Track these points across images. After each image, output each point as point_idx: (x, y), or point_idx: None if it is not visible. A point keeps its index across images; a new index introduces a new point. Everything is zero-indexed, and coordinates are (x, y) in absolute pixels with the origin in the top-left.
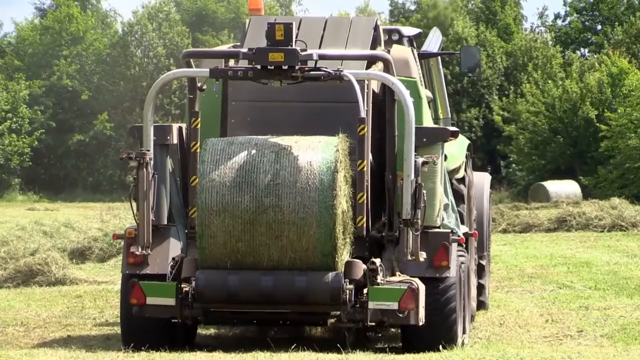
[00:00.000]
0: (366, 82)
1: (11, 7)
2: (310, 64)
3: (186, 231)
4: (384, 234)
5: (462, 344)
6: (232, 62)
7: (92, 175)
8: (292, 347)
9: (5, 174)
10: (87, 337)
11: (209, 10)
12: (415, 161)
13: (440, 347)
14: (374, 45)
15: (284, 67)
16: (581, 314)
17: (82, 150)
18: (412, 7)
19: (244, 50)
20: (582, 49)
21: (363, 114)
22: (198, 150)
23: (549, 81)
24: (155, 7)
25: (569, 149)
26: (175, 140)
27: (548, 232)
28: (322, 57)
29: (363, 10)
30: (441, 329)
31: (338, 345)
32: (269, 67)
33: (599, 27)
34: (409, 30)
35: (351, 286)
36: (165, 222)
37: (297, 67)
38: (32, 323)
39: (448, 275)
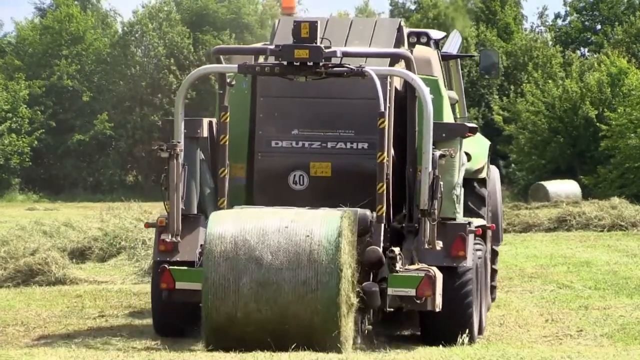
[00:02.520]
0: (389, 79)
1: (11, 7)
2: (335, 61)
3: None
4: (404, 225)
5: (480, 331)
6: (261, 60)
7: (92, 175)
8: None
9: (5, 174)
10: (87, 337)
11: (210, 10)
12: (432, 154)
13: (458, 335)
14: (397, 45)
15: (308, 64)
16: (581, 313)
17: (82, 150)
18: (412, 7)
19: (272, 47)
20: (582, 49)
21: (383, 108)
22: (227, 143)
23: (549, 81)
24: (156, 6)
25: (569, 148)
26: (205, 134)
27: (548, 232)
28: (345, 54)
29: (363, 10)
30: (458, 316)
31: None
32: (294, 63)
33: (599, 26)
34: (436, 34)
35: (370, 327)
36: (195, 212)
37: (321, 64)
38: (32, 323)
39: (465, 264)
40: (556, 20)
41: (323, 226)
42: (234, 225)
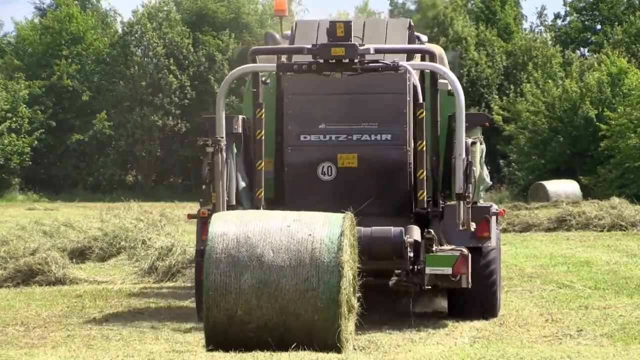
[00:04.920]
0: (408, 74)
1: (11, 7)
2: (368, 57)
3: None
4: (429, 210)
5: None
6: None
7: (92, 175)
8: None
9: (5, 174)
10: (87, 337)
11: (209, 10)
12: (465, 142)
13: (484, 312)
14: (409, 43)
15: (344, 61)
16: (581, 313)
17: (82, 150)
18: (412, 7)
19: (309, 46)
20: (581, 49)
21: (421, 100)
22: (263, 137)
23: (549, 81)
24: (155, 6)
25: (568, 148)
26: (240, 130)
27: (548, 232)
28: (378, 51)
29: (362, 10)
30: (485, 293)
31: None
32: (330, 61)
33: (599, 26)
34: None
35: (411, 239)
36: (234, 203)
37: (356, 60)
38: (32, 323)
39: (489, 244)
40: (556, 20)
41: (325, 226)
42: (236, 224)
